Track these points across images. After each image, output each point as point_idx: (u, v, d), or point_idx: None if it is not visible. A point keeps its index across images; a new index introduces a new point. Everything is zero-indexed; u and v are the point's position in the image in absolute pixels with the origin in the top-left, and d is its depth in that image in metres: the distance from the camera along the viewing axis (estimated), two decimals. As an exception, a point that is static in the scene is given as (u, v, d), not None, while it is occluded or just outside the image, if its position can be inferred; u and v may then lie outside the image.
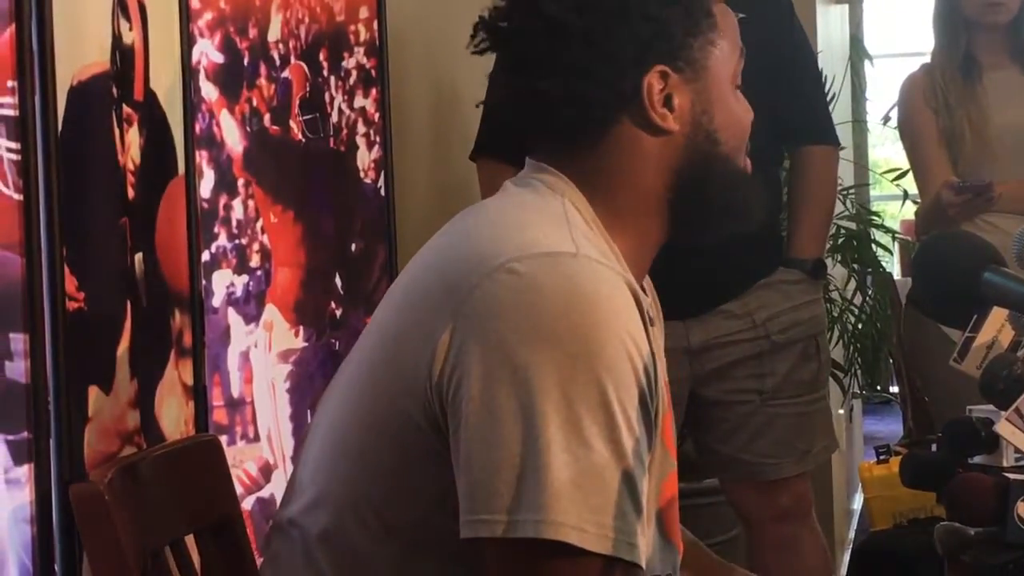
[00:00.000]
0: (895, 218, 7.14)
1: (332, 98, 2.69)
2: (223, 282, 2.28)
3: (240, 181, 2.34)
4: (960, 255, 1.64)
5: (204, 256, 2.22)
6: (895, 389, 6.37)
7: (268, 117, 2.44)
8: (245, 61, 2.38)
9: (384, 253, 2.88)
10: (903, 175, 5.34)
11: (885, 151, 9.57)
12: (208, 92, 2.26)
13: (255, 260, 2.38)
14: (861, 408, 6.60)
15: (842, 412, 5.17)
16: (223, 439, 2.13)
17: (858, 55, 6.73)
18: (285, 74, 2.51)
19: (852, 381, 4.93)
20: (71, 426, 1.79)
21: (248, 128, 2.37)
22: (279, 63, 2.49)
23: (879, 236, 5.27)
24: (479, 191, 2.96)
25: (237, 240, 2.32)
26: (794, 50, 3.05)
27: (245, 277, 2.35)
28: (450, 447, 1.46)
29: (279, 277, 2.46)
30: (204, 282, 2.21)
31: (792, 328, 2.96)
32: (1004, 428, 1.42)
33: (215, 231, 2.27)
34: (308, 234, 2.57)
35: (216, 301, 2.26)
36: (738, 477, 3.02)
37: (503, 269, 1.46)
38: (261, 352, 2.39)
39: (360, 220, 2.81)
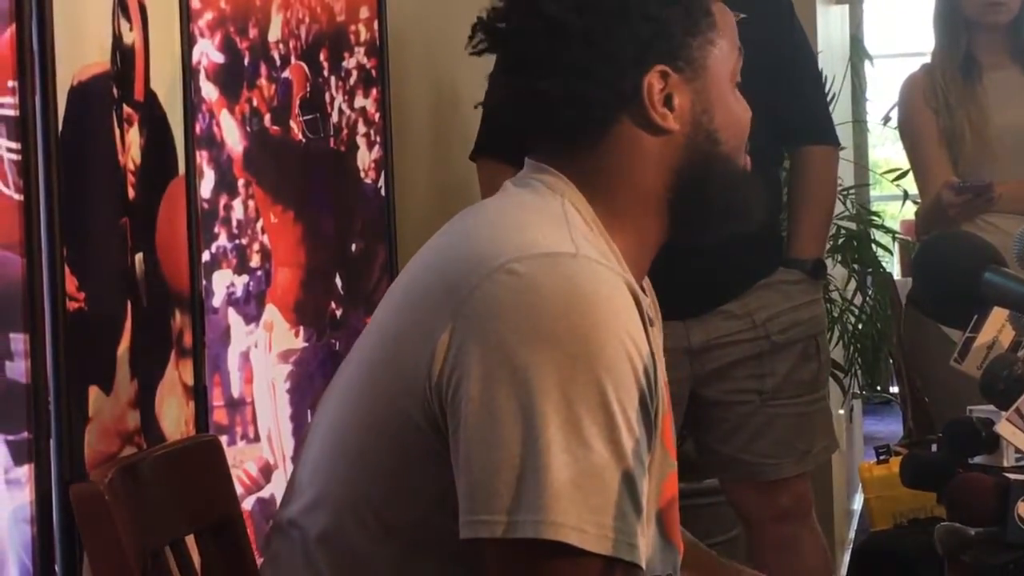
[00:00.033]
0: (895, 218, 7.14)
1: (332, 98, 2.69)
2: (223, 282, 2.28)
3: (240, 181, 2.34)
4: (960, 255, 1.64)
5: (204, 256, 2.22)
6: (895, 389, 6.37)
7: (268, 117, 2.44)
8: (245, 61, 2.38)
9: (384, 253, 2.88)
10: (903, 175, 5.34)
11: (885, 151, 9.57)
12: (208, 92, 2.26)
13: (255, 260, 2.38)
14: (861, 408, 6.60)
15: (842, 412, 5.17)
16: (223, 439, 2.13)
17: (858, 55, 6.73)
18: (285, 74, 2.51)
19: (852, 381, 4.93)
20: (71, 426, 1.79)
21: (248, 128, 2.37)
22: (279, 63, 2.49)
23: (879, 236, 5.27)
24: (479, 191, 2.96)
25: (237, 240, 2.32)
26: (794, 50, 3.04)
27: (245, 277, 2.34)
28: (449, 447, 1.46)
29: (279, 277, 2.45)
30: (204, 282, 2.21)
31: (792, 328, 2.96)
32: (1004, 428, 1.42)
33: (215, 231, 2.27)
34: (308, 234, 2.57)
35: (216, 301, 2.26)
36: (738, 477, 3.01)
37: (503, 270, 1.46)
38: (261, 352, 2.39)
39: (360, 220, 2.81)
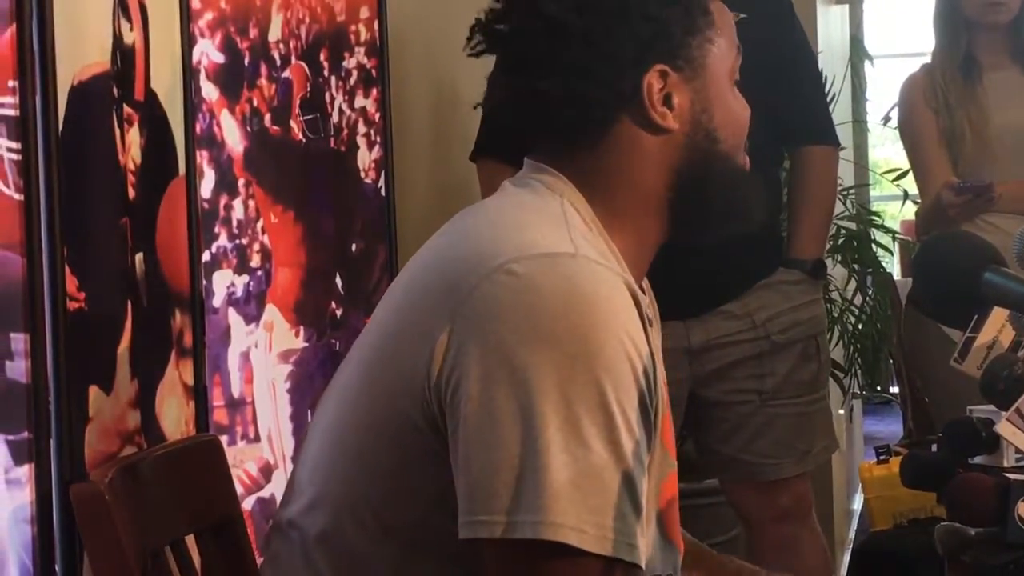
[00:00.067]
0: (895, 218, 7.14)
1: (333, 98, 2.69)
2: (223, 282, 2.28)
3: (241, 181, 2.34)
4: (960, 255, 1.64)
5: (204, 256, 2.22)
6: (895, 389, 6.37)
7: (269, 117, 2.44)
8: (246, 61, 2.38)
9: (384, 253, 2.88)
10: (903, 175, 5.34)
11: (885, 151, 9.57)
12: (209, 92, 2.26)
13: (255, 260, 2.38)
14: (861, 408, 6.60)
15: (842, 412, 5.17)
16: (223, 439, 2.13)
17: (858, 55, 6.73)
18: (286, 74, 2.51)
19: (852, 381, 4.93)
20: (71, 426, 1.79)
21: (249, 128, 2.37)
22: (280, 63, 2.49)
23: (879, 236, 5.27)
24: (479, 191, 2.96)
25: (237, 240, 2.32)
26: (794, 50, 3.04)
27: (245, 277, 2.34)
28: (448, 448, 1.46)
29: (279, 277, 2.46)
30: (204, 282, 2.21)
31: (792, 328, 2.96)
32: (1005, 428, 1.42)
33: (215, 231, 2.27)
34: (308, 234, 2.57)
35: (216, 301, 2.26)
36: (738, 477, 3.01)
37: (502, 270, 1.46)
38: (261, 352, 2.39)
39: (360, 220, 2.81)
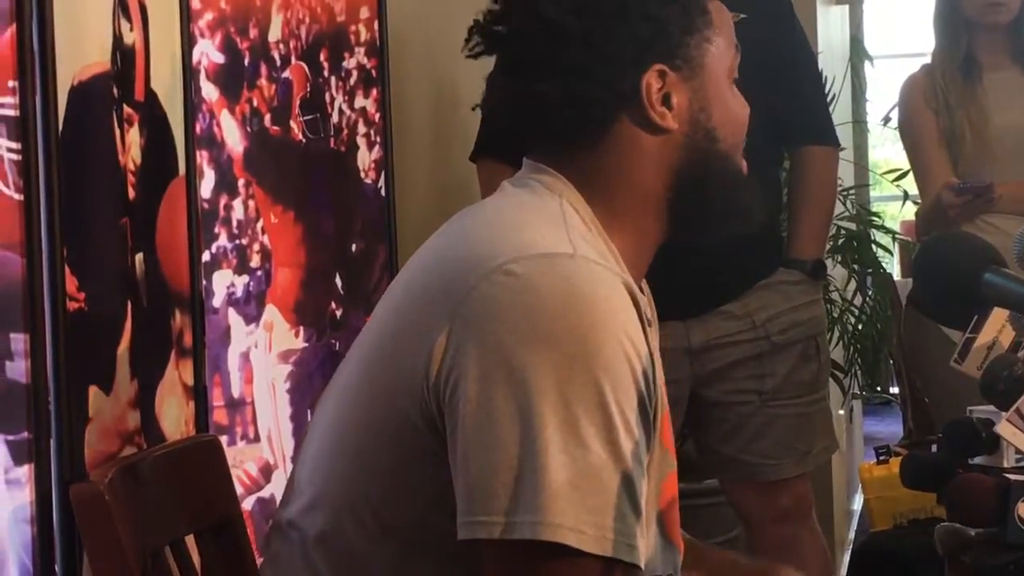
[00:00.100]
0: (895, 219, 7.13)
1: (333, 98, 2.69)
2: (223, 282, 2.28)
3: (240, 181, 2.34)
4: (961, 256, 1.64)
5: (204, 256, 2.22)
6: (895, 390, 6.37)
7: (269, 117, 2.44)
8: (246, 61, 2.38)
9: (384, 253, 2.88)
10: (903, 176, 5.34)
11: (885, 152, 9.57)
12: (209, 92, 2.26)
13: (255, 260, 2.38)
14: (861, 409, 6.60)
15: (842, 413, 5.17)
16: (223, 439, 2.13)
17: (858, 56, 6.73)
18: (286, 74, 2.51)
19: (852, 382, 4.93)
20: (71, 426, 1.79)
21: (249, 128, 2.37)
22: (280, 63, 2.49)
23: (879, 237, 5.27)
24: (479, 191, 2.96)
25: (237, 240, 2.32)
26: (794, 50, 3.04)
27: (245, 277, 2.34)
28: (447, 448, 1.46)
29: (279, 277, 2.45)
30: (204, 282, 2.21)
31: (792, 329, 2.96)
32: (1005, 429, 1.42)
33: (215, 231, 2.27)
34: (308, 234, 2.57)
35: (216, 301, 2.26)
36: (738, 478, 3.01)
37: (500, 270, 1.46)
38: (261, 352, 2.39)
39: (360, 220, 2.81)
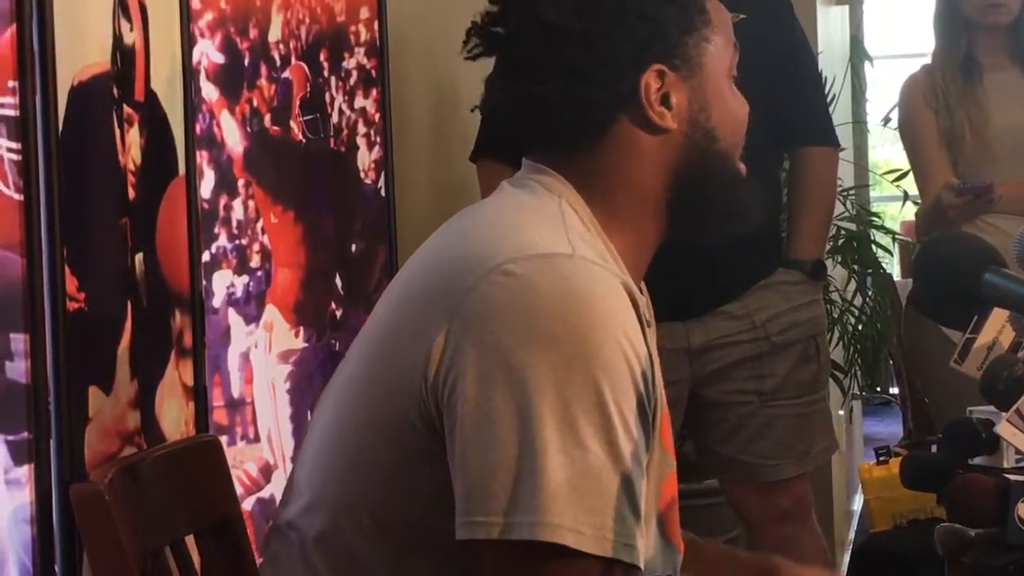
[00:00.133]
0: (895, 219, 7.13)
1: (332, 98, 2.69)
2: (223, 282, 2.28)
3: (240, 181, 2.34)
4: (961, 256, 1.64)
5: (204, 256, 2.22)
6: (895, 390, 6.37)
7: (268, 117, 2.44)
8: (246, 61, 2.38)
9: (384, 254, 2.88)
10: (903, 176, 5.34)
11: (885, 152, 9.57)
12: (209, 92, 2.26)
13: (255, 260, 2.38)
14: (861, 409, 6.60)
15: (842, 413, 5.17)
16: (223, 439, 2.13)
17: (858, 56, 6.73)
18: (285, 74, 2.51)
19: (852, 382, 4.93)
20: (71, 426, 1.79)
21: (248, 128, 2.37)
22: (279, 63, 2.49)
23: (879, 237, 5.27)
24: (479, 191, 2.96)
25: (237, 240, 2.32)
26: (794, 50, 3.04)
27: (245, 278, 2.34)
28: (446, 448, 1.46)
29: (279, 278, 2.46)
30: (204, 282, 2.21)
31: (792, 329, 2.96)
32: (1004, 429, 1.42)
33: (215, 231, 2.27)
34: (308, 234, 2.57)
35: (216, 301, 2.26)
36: (738, 478, 3.02)
37: (499, 271, 1.46)
38: (261, 352, 2.39)
39: (360, 220, 2.81)
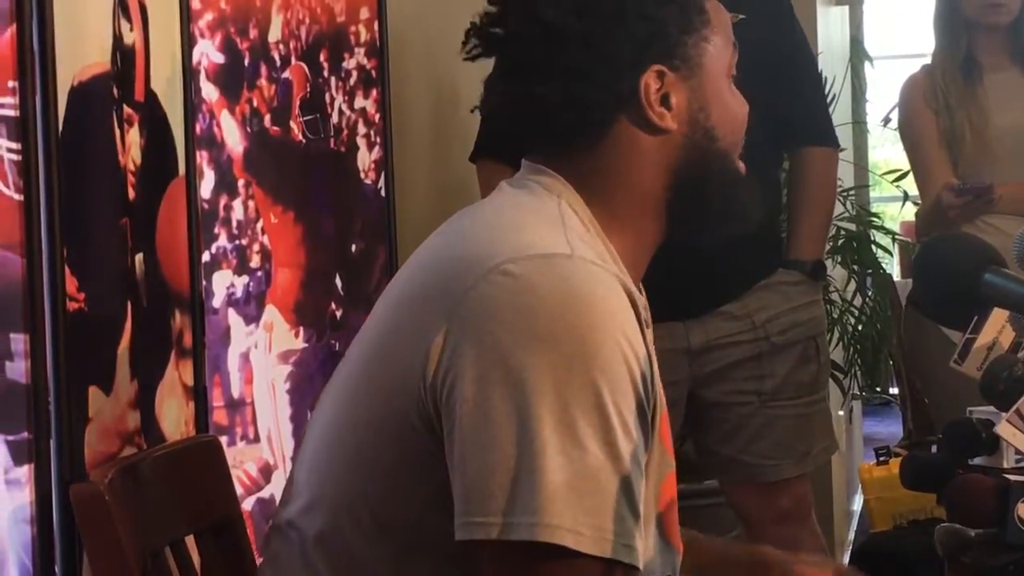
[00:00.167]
0: (895, 219, 7.13)
1: (332, 99, 2.69)
2: (223, 283, 2.28)
3: (240, 182, 2.34)
4: (961, 257, 1.64)
5: (204, 257, 2.22)
6: (895, 391, 6.37)
7: (268, 118, 2.44)
8: (246, 62, 2.38)
9: (384, 254, 2.88)
10: (903, 176, 5.34)
11: (885, 152, 9.56)
12: (209, 93, 2.26)
13: (255, 261, 2.38)
14: (861, 409, 6.60)
15: (842, 413, 5.17)
16: (223, 440, 2.13)
17: (858, 56, 6.74)
18: (285, 75, 2.51)
19: (852, 382, 4.93)
20: (71, 426, 1.79)
21: (248, 129, 2.37)
22: (279, 64, 2.49)
23: (879, 237, 5.27)
24: (479, 192, 2.96)
25: (237, 241, 2.33)
26: (794, 50, 3.04)
27: (245, 278, 2.35)
28: (445, 448, 1.45)
29: (279, 278, 2.46)
30: (204, 283, 2.21)
31: (792, 329, 2.96)
32: (1004, 429, 1.42)
33: (215, 232, 2.27)
34: (308, 235, 2.57)
35: (216, 302, 2.26)
36: (738, 479, 3.01)
37: (498, 271, 1.45)
38: (261, 353, 2.39)
39: (360, 221, 2.81)
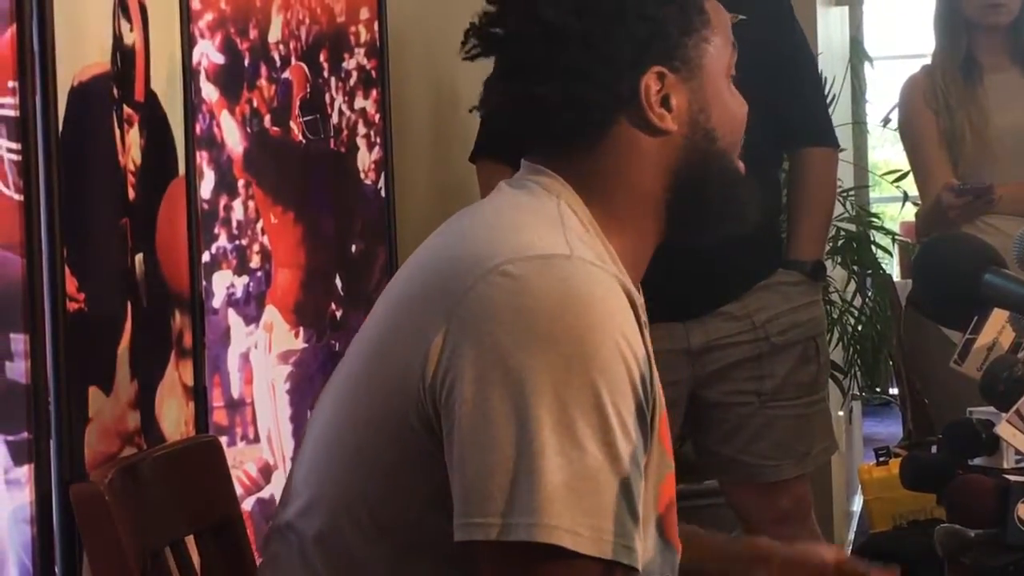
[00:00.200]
0: (895, 220, 7.13)
1: (332, 99, 2.69)
2: (223, 283, 2.28)
3: (240, 182, 2.34)
4: (961, 257, 1.64)
5: (204, 257, 2.22)
6: (895, 391, 6.37)
7: (268, 118, 2.44)
8: (246, 62, 2.38)
9: (384, 254, 2.88)
10: (903, 177, 5.34)
11: (885, 153, 9.56)
12: (209, 93, 2.26)
13: (255, 261, 2.38)
14: (861, 410, 6.59)
15: (842, 414, 5.17)
16: (223, 440, 2.13)
17: (858, 57, 6.74)
18: (285, 75, 2.51)
19: (852, 383, 4.93)
20: (71, 426, 1.79)
21: (248, 129, 2.37)
22: (279, 64, 2.49)
23: (879, 238, 5.27)
24: (479, 192, 2.96)
25: (237, 241, 2.33)
26: (794, 50, 3.04)
27: (245, 278, 2.35)
28: (443, 449, 1.45)
29: (279, 278, 2.46)
30: (204, 283, 2.21)
31: (791, 330, 2.96)
32: (1004, 430, 1.42)
33: (215, 232, 2.27)
34: (308, 235, 2.57)
35: (216, 302, 2.26)
36: (738, 479, 3.01)
37: (497, 271, 1.45)
38: (261, 353, 2.39)
39: (360, 221, 2.81)
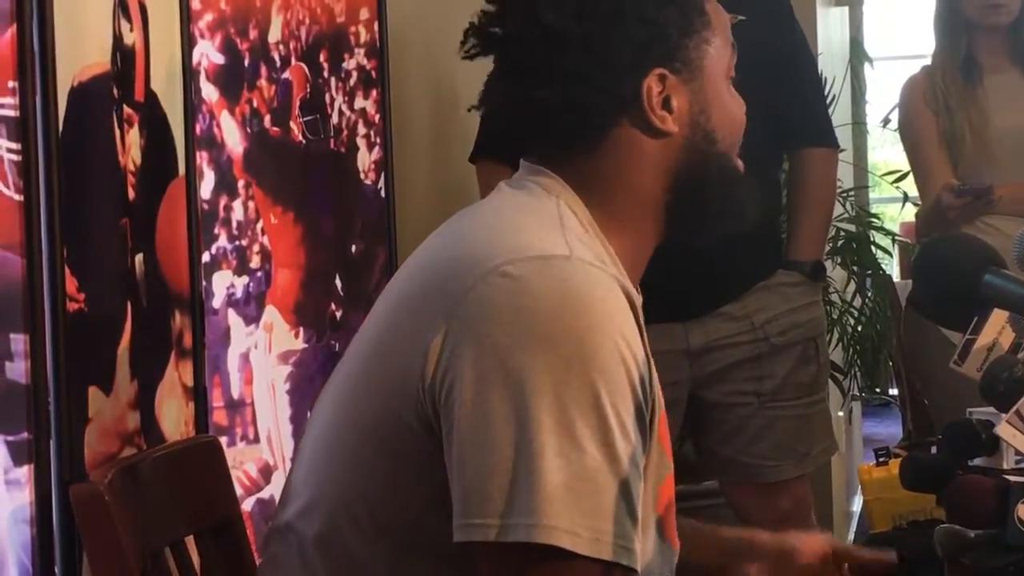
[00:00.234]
0: (895, 220, 7.12)
1: (332, 99, 2.69)
2: (223, 283, 2.28)
3: (240, 182, 2.34)
4: (960, 257, 1.64)
5: (204, 257, 2.22)
6: (895, 391, 6.36)
7: (268, 118, 2.44)
8: (246, 62, 2.38)
9: (384, 254, 2.88)
10: (903, 177, 5.34)
11: (885, 153, 9.56)
12: (209, 93, 2.26)
13: (255, 261, 2.38)
14: (860, 410, 6.60)
15: (841, 414, 5.17)
16: (223, 440, 2.13)
17: (858, 57, 6.74)
18: (285, 75, 2.51)
19: (852, 383, 4.93)
20: (71, 427, 1.79)
21: (248, 129, 2.37)
22: (279, 64, 2.49)
23: (879, 238, 5.27)
24: (479, 192, 2.96)
25: (237, 241, 2.33)
26: (793, 51, 3.04)
27: (245, 278, 2.35)
28: (443, 449, 1.45)
29: (279, 278, 2.46)
30: (204, 283, 2.21)
31: (791, 330, 2.96)
32: (1004, 430, 1.42)
33: (215, 232, 2.27)
34: (308, 235, 2.57)
35: (216, 302, 2.26)
36: (738, 479, 3.01)
37: (497, 272, 1.45)
38: (261, 353, 2.39)
39: (360, 221, 2.81)
